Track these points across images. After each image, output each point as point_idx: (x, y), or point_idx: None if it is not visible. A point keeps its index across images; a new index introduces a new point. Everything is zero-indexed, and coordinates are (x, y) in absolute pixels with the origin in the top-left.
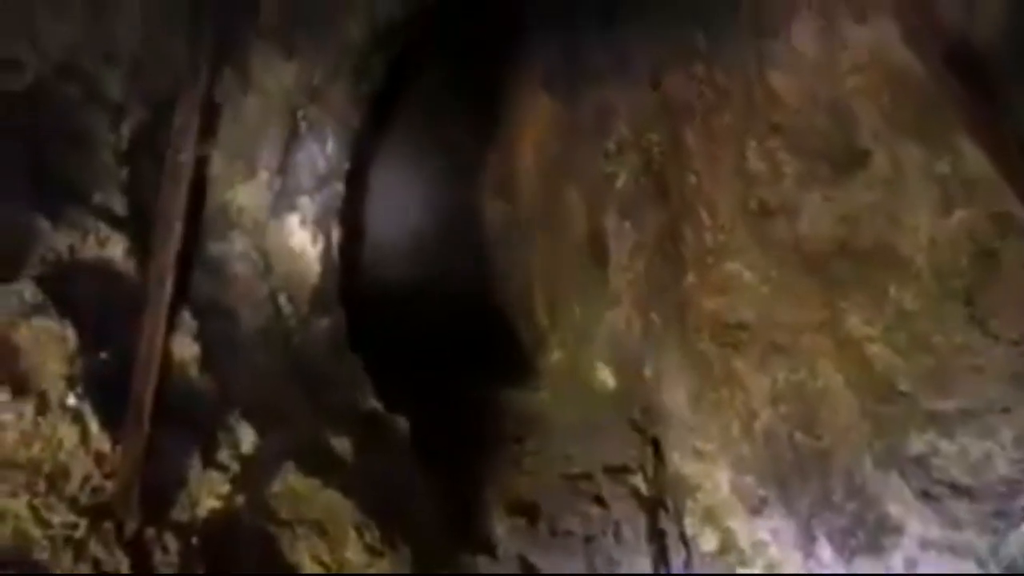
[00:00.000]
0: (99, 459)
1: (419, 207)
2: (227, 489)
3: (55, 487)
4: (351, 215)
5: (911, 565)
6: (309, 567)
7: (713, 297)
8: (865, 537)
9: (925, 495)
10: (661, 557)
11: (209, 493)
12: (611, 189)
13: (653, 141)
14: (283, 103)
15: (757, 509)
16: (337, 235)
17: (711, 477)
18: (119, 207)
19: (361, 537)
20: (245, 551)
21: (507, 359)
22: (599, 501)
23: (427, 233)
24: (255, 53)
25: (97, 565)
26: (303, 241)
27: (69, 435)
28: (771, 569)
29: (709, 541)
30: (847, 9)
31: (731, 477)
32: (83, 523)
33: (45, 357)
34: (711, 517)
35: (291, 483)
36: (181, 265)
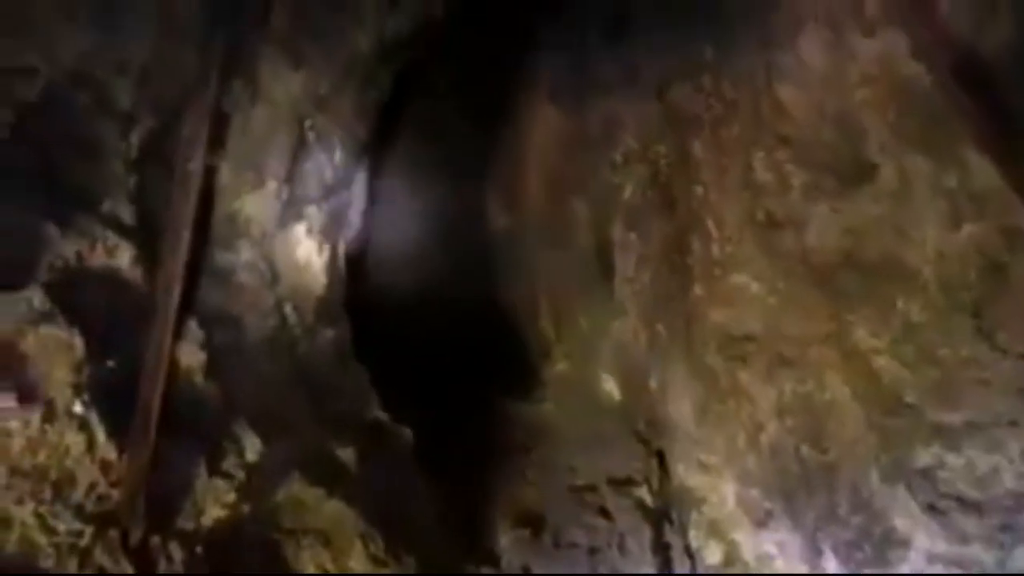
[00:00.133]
0: (105, 467)
1: (425, 217)
2: (232, 498)
3: (61, 495)
4: (357, 225)
5: None
6: None
7: (720, 309)
8: (871, 551)
9: (932, 509)
10: (665, 569)
11: (214, 501)
12: (618, 200)
13: (660, 153)
14: (291, 113)
15: (762, 522)
16: (343, 245)
17: (716, 490)
18: (127, 215)
19: (366, 547)
20: (249, 560)
21: (512, 370)
22: (604, 513)
23: (433, 243)
24: (264, 63)
25: (102, 573)
26: (309, 251)
27: (75, 443)
28: None
29: (714, 554)
30: (855, 22)
31: (736, 490)
32: (88, 531)
33: (52, 365)
34: (716, 530)
35: (296, 492)
36: (188, 274)
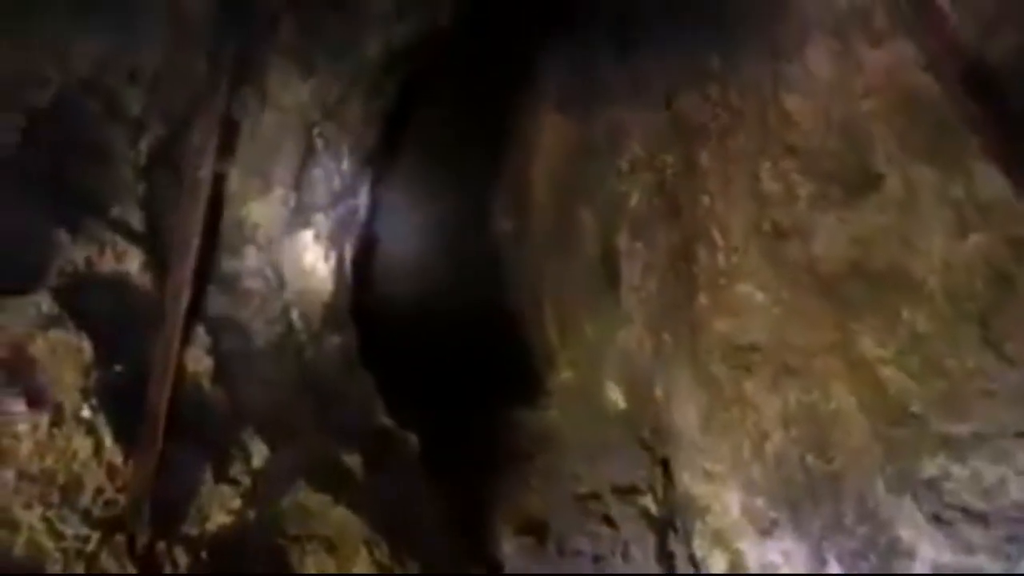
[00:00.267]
0: (112, 472)
1: (431, 225)
2: (238, 504)
3: (68, 499)
4: (364, 232)
5: None
6: None
7: (725, 318)
8: (876, 561)
9: (937, 519)
10: None
11: (220, 507)
12: (624, 209)
13: (667, 161)
14: (299, 120)
15: (767, 531)
16: (350, 252)
17: (721, 499)
18: (136, 221)
19: (371, 553)
20: (254, 566)
21: (517, 377)
22: (608, 521)
23: (439, 250)
24: (273, 71)
25: None
26: (316, 257)
27: (83, 447)
28: None
29: (718, 563)
30: (862, 32)
31: (741, 498)
32: (95, 536)
33: (61, 369)
34: (720, 539)
35: (301, 499)
36: (196, 280)
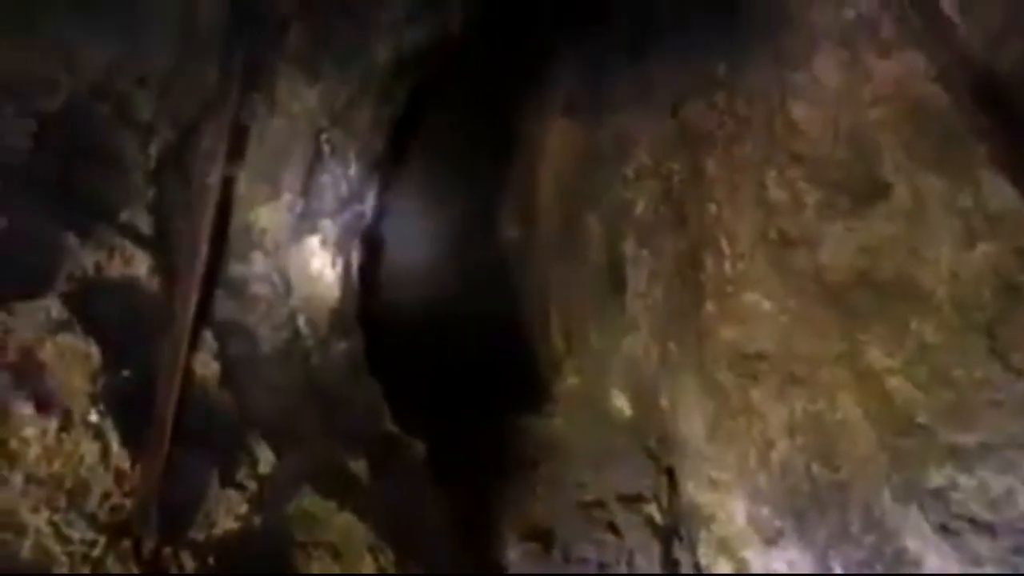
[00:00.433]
0: (119, 476)
1: (438, 231)
2: (244, 509)
3: (75, 503)
4: (371, 238)
5: None
6: None
7: (731, 326)
8: (883, 570)
9: (944, 530)
10: None
11: (226, 512)
12: (630, 216)
13: (673, 169)
14: (307, 126)
15: (773, 540)
16: (357, 257)
17: (726, 507)
18: (145, 226)
19: (375, 560)
20: (260, 571)
21: (523, 384)
22: (613, 529)
23: (445, 257)
24: (282, 76)
25: None
26: (323, 263)
27: (90, 451)
28: None
29: (723, 571)
30: (870, 42)
31: (747, 507)
32: (102, 540)
33: (69, 373)
34: (725, 547)
35: (307, 505)
36: (204, 285)
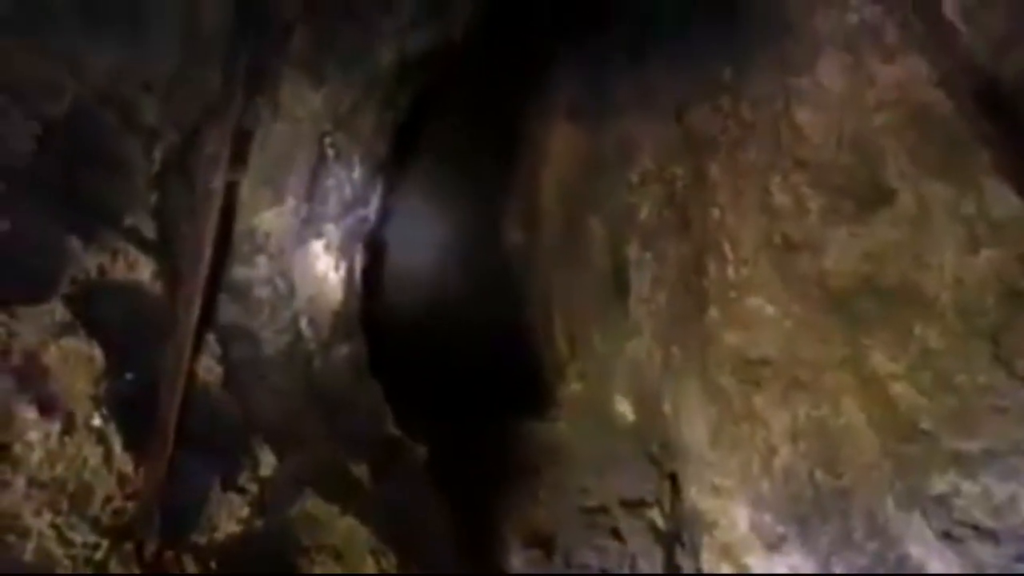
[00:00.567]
0: (121, 480)
1: (441, 235)
2: (246, 513)
3: (78, 506)
4: (374, 241)
5: None
6: None
7: (735, 331)
8: None
9: (947, 536)
10: None
11: (229, 516)
12: (634, 221)
13: (677, 174)
14: (311, 130)
15: (775, 546)
16: (360, 261)
17: (729, 513)
18: (149, 230)
19: (377, 563)
20: (262, 575)
21: (526, 389)
22: (616, 535)
23: (449, 261)
24: (285, 81)
25: None
26: (327, 267)
27: (93, 455)
28: None
29: None
30: (874, 48)
31: (749, 513)
32: (104, 544)
33: (73, 377)
34: (728, 553)
35: (309, 508)
36: (208, 289)
